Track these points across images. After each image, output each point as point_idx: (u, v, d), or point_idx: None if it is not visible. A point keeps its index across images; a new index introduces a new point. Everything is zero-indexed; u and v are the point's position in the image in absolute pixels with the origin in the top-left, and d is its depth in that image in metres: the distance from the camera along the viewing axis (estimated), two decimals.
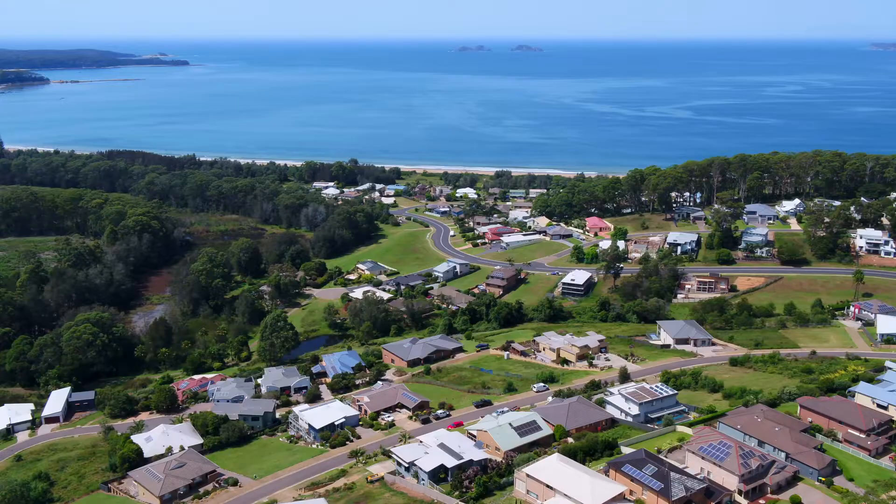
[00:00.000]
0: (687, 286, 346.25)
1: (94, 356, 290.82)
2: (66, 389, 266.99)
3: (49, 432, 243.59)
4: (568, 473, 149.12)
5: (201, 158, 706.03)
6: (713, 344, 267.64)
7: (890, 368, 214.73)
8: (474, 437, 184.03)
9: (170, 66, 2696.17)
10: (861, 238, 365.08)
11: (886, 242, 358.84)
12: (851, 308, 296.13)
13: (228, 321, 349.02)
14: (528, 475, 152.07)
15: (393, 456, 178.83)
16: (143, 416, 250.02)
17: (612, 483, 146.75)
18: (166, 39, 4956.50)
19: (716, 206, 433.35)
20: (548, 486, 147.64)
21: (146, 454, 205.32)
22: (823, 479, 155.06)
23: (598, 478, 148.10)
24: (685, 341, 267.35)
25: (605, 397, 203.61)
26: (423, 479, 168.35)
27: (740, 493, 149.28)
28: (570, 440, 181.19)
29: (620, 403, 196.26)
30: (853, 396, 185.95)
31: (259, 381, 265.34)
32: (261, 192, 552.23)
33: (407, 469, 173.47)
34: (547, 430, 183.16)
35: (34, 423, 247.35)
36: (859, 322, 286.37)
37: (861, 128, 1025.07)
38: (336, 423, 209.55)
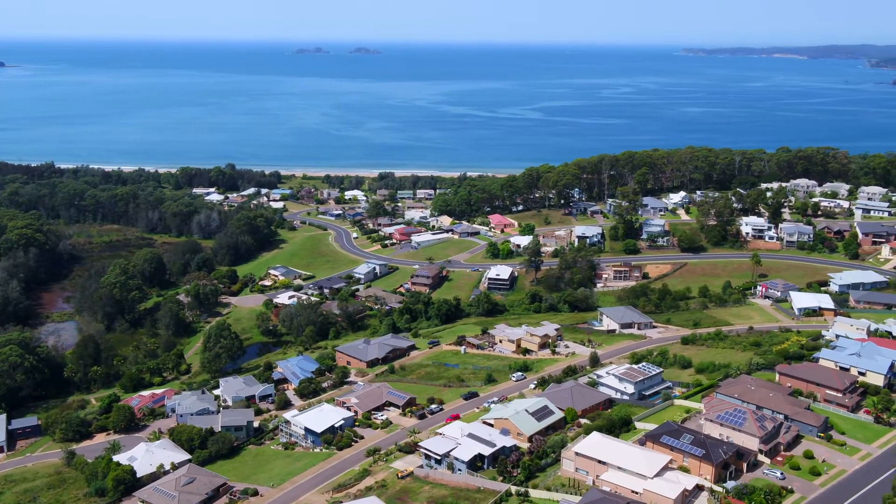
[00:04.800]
0: (604, 275, 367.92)
1: (22, 379, 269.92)
2: (1, 417, 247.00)
3: None
4: (616, 448, 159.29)
5: (60, 166, 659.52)
6: (654, 327, 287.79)
7: (825, 336, 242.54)
8: (491, 425, 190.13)
9: None
10: (747, 225, 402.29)
11: (769, 228, 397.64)
12: (759, 288, 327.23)
13: (151, 335, 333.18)
14: (576, 453, 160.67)
15: (422, 450, 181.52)
16: (100, 437, 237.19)
17: (658, 454, 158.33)
18: None
19: (610, 201, 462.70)
20: (600, 461, 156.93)
21: (138, 474, 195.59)
22: (822, 434, 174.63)
23: (646, 450, 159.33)
24: (630, 325, 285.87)
25: (596, 379, 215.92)
26: (459, 469, 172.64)
27: (761, 452, 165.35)
28: (583, 421, 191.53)
29: (614, 384, 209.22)
30: (817, 362, 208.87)
31: (217, 392, 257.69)
32: (144, 201, 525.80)
33: (438, 462, 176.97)
34: (559, 414, 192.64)
35: None
36: (769, 300, 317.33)
37: (695, 126, 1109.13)
38: (336, 426, 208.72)
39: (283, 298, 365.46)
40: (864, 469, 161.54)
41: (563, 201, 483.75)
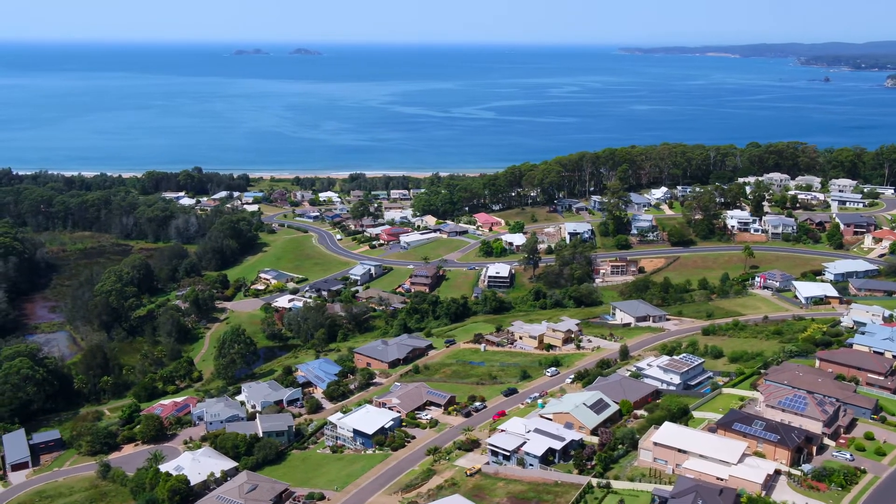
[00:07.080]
0: (601, 271, 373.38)
1: (33, 392, 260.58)
2: (20, 431, 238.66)
3: (25, 480, 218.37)
4: (693, 437, 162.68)
5: (19, 172, 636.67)
6: (668, 319, 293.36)
7: (843, 322, 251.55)
8: (549, 419, 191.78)
9: None
10: (732, 218, 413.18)
11: (754, 221, 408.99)
12: (758, 279, 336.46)
13: (151, 343, 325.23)
14: (654, 443, 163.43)
15: (489, 446, 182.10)
16: (128, 448, 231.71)
17: (735, 441, 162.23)
18: None
19: (595, 198, 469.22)
20: (680, 450, 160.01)
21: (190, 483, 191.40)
22: (875, 416, 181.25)
23: (722, 437, 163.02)
24: (645, 318, 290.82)
25: (639, 371, 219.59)
26: (530, 464, 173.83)
27: (825, 435, 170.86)
28: (639, 412, 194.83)
29: (660, 375, 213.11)
30: (850, 347, 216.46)
31: (241, 398, 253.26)
32: (117, 206, 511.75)
33: (507, 458, 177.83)
34: (614, 406, 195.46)
35: None
36: (768, 290, 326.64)
37: (647, 124, 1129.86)
38: (386, 427, 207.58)
39: (283, 302, 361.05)
40: None
41: (547, 198, 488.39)
